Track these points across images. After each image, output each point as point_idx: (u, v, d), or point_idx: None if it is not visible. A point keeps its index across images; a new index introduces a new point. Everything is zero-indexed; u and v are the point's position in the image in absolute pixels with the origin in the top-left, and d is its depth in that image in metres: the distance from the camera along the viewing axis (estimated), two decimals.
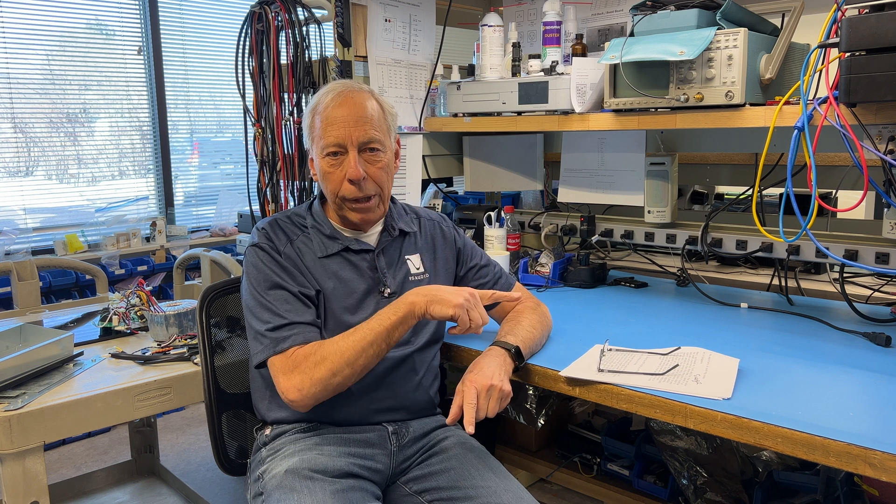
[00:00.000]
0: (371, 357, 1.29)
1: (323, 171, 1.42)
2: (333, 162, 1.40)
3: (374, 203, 1.44)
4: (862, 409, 1.18)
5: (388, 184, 1.46)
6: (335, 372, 1.27)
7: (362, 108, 1.40)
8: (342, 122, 1.38)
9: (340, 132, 1.38)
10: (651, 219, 2.15)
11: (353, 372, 1.28)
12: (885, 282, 1.87)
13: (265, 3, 2.11)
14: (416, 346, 1.46)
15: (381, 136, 1.42)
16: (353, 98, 1.40)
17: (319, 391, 1.28)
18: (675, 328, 1.69)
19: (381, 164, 1.42)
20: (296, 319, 1.33)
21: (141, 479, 2.51)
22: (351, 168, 1.38)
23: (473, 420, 1.24)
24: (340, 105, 1.39)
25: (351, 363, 1.27)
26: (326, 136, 1.39)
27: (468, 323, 1.31)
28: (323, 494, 1.24)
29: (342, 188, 1.40)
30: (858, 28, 1.29)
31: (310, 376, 1.27)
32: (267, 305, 1.35)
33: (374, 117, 1.41)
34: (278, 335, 1.32)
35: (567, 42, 2.11)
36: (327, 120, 1.39)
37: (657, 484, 2.12)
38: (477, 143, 2.57)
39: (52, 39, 3.49)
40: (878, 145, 1.51)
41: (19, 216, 3.47)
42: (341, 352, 1.28)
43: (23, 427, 1.44)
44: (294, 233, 1.46)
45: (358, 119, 1.38)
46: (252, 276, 1.39)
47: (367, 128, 1.39)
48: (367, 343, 1.28)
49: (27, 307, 2.26)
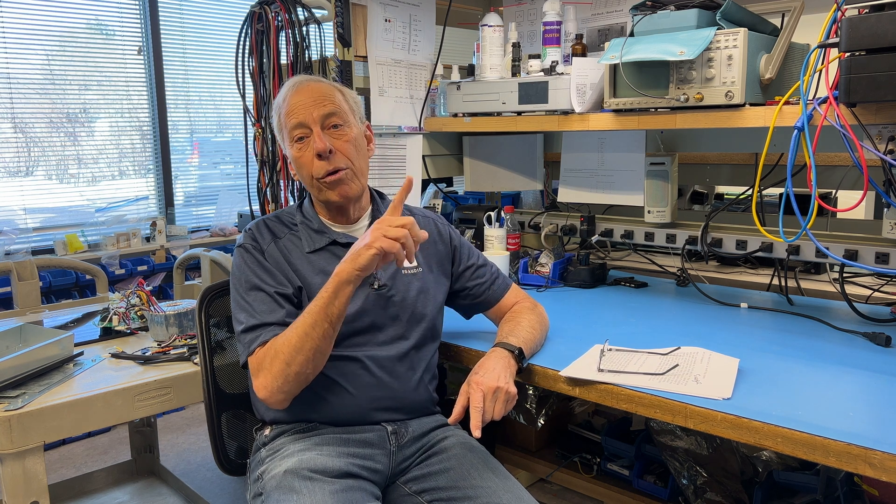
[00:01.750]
0: (317, 339, 1.27)
1: (295, 159, 1.44)
2: (301, 146, 1.42)
3: (346, 175, 1.43)
4: (862, 409, 1.18)
5: (359, 160, 1.46)
6: (288, 362, 1.28)
7: (318, 90, 1.43)
8: (301, 105, 1.42)
9: (301, 114, 1.41)
10: (651, 219, 2.15)
11: (305, 358, 1.28)
12: (885, 282, 1.87)
13: (265, 3, 2.11)
14: (413, 343, 1.46)
15: (342, 112, 1.44)
16: (308, 84, 1.45)
17: (282, 384, 1.29)
18: (675, 328, 1.69)
19: (347, 138, 1.43)
20: (266, 320, 1.35)
21: (141, 479, 2.51)
22: (316, 142, 1.39)
23: (480, 424, 1.24)
24: (298, 92, 1.43)
25: (299, 349, 1.27)
26: (289, 122, 1.42)
27: (397, 245, 1.21)
28: (322, 495, 1.24)
29: (314, 167, 1.41)
30: (858, 28, 1.29)
31: (270, 371, 1.29)
32: (244, 307, 1.37)
33: (334, 96, 1.44)
34: (251, 336, 1.34)
35: (567, 42, 2.11)
36: (288, 109, 1.43)
37: (657, 484, 2.12)
38: (477, 143, 2.57)
39: (52, 39, 3.49)
40: (878, 145, 1.51)
41: (19, 216, 3.47)
42: (288, 340, 1.29)
43: (23, 427, 1.44)
44: (281, 231, 1.47)
45: (316, 99, 1.42)
46: (235, 278, 1.43)
47: (325, 103, 1.42)
48: (309, 325, 1.27)
49: (27, 307, 2.27)
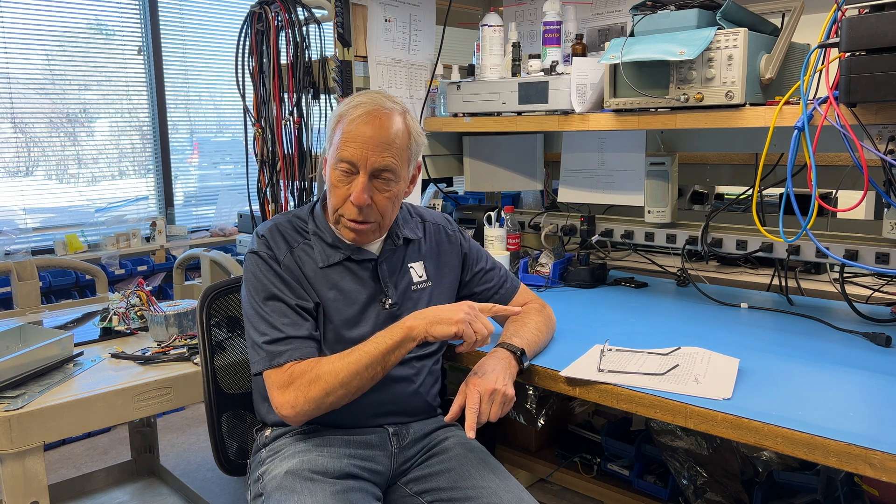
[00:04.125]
0: (366, 379, 1.28)
1: (331, 181, 1.38)
2: (342, 177, 1.35)
3: (370, 228, 1.39)
4: (862, 409, 1.18)
5: (392, 214, 1.42)
6: (328, 392, 1.27)
7: (387, 131, 1.33)
8: (362, 141, 1.32)
9: (357, 152, 1.32)
10: (651, 219, 2.15)
11: (346, 392, 1.28)
12: (885, 282, 1.87)
13: (265, 3, 2.11)
14: (417, 354, 1.45)
15: (399, 165, 1.35)
16: (380, 119, 1.33)
17: (312, 409, 1.28)
18: (675, 328, 1.69)
19: (390, 194, 1.37)
20: (293, 334, 1.32)
21: (141, 479, 2.51)
22: (356, 192, 1.32)
23: (475, 425, 1.24)
24: (366, 123, 1.32)
25: (345, 384, 1.26)
26: (342, 151, 1.33)
27: (473, 336, 1.28)
28: (323, 495, 1.24)
29: (344, 206, 1.36)
30: (858, 28, 1.29)
31: (304, 394, 1.27)
32: (264, 317, 1.34)
33: (397, 144, 1.34)
34: (274, 349, 1.31)
35: (567, 42, 2.11)
36: (349, 134, 1.33)
37: (657, 484, 2.12)
38: (477, 143, 2.57)
39: (52, 39, 3.49)
40: (878, 145, 1.51)
41: (19, 216, 3.47)
42: (336, 372, 1.26)
43: (23, 427, 1.44)
44: (295, 240, 1.43)
45: (379, 143, 1.32)
46: (251, 285, 1.38)
47: (385, 155, 1.33)
48: (363, 366, 1.26)
49: (27, 307, 2.26)
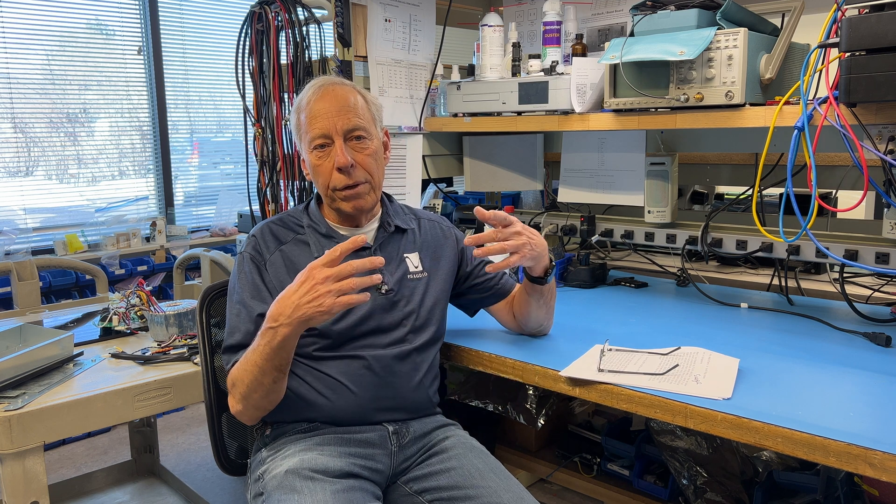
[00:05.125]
0: (269, 371, 1.27)
1: (313, 165, 1.44)
2: (321, 154, 1.42)
3: (364, 189, 1.44)
4: (862, 409, 1.18)
5: (378, 172, 1.47)
6: (246, 395, 1.31)
7: (344, 98, 1.42)
8: (325, 113, 1.40)
9: (324, 123, 1.40)
10: (651, 219, 2.15)
11: (265, 390, 1.30)
12: (885, 282, 1.87)
13: (265, 2, 2.11)
14: (416, 346, 1.46)
15: (366, 123, 1.43)
16: (334, 90, 1.43)
17: (248, 408, 1.33)
18: (675, 328, 1.69)
19: (369, 151, 1.43)
20: (243, 341, 1.37)
21: (141, 479, 2.51)
22: (338, 156, 1.39)
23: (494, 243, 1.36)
24: (322, 98, 1.41)
25: (256, 385, 1.29)
26: (312, 130, 1.41)
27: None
28: (323, 494, 1.24)
29: (332, 179, 1.42)
30: (858, 28, 1.29)
31: (233, 397, 1.35)
32: (231, 319, 1.41)
33: (358, 106, 1.43)
34: (229, 357, 1.37)
35: (567, 42, 2.11)
36: (311, 114, 1.41)
37: (657, 484, 2.12)
38: (477, 143, 2.57)
39: (52, 39, 3.49)
40: (878, 145, 1.51)
41: (19, 216, 3.47)
42: (242, 377, 1.30)
43: (23, 427, 1.44)
44: (285, 236, 1.47)
45: (340, 109, 1.40)
46: (230, 285, 1.46)
47: (350, 116, 1.41)
48: (258, 369, 1.27)
49: (27, 307, 2.27)
